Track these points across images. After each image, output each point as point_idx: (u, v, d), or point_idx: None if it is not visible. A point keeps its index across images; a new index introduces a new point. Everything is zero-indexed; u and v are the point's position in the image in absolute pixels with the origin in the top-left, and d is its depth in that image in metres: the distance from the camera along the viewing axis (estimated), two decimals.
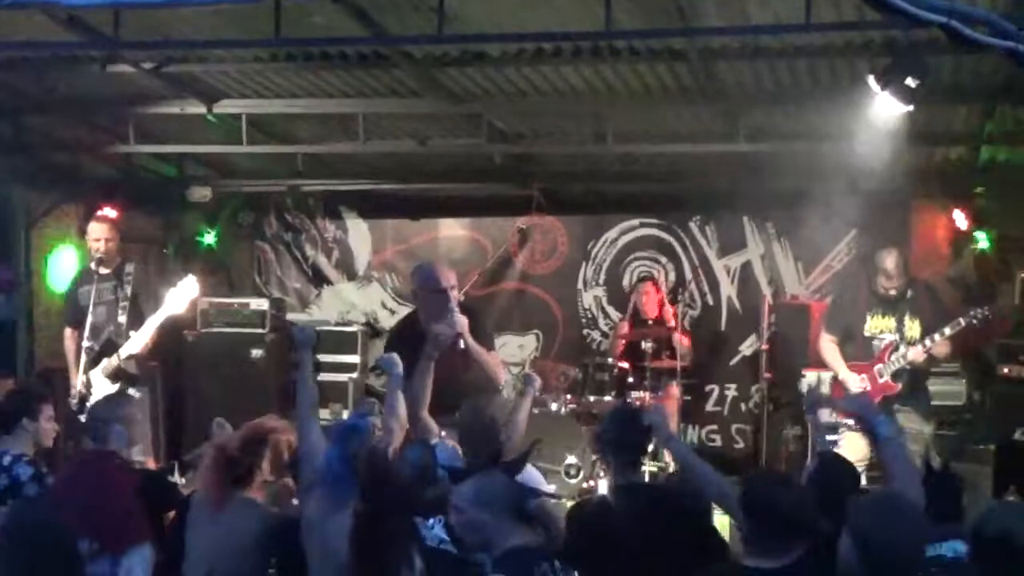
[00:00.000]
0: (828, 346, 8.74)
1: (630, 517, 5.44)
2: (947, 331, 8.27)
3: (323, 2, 6.53)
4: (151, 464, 7.99)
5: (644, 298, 11.13)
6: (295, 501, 6.08)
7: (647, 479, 7.53)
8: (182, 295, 8.78)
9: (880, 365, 8.41)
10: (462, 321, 7.29)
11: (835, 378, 8.70)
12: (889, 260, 8.44)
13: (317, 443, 5.81)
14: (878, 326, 8.52)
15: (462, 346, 7.30)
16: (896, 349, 8.40)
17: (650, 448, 6.80)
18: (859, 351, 8.58)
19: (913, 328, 8.42)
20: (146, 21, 7.06)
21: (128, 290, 8.94)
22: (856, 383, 8.44)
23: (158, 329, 8.78)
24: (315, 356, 6.75)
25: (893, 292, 8.43)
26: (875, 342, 8.52)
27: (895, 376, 8.39)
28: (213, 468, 5.90)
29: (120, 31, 6.78)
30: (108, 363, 8.73)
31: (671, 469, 9.90)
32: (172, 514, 6.40)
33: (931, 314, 8.47)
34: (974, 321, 8.26)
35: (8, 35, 7.37)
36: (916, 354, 8.31)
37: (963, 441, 9.85)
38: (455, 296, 7.47)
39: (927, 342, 8.29)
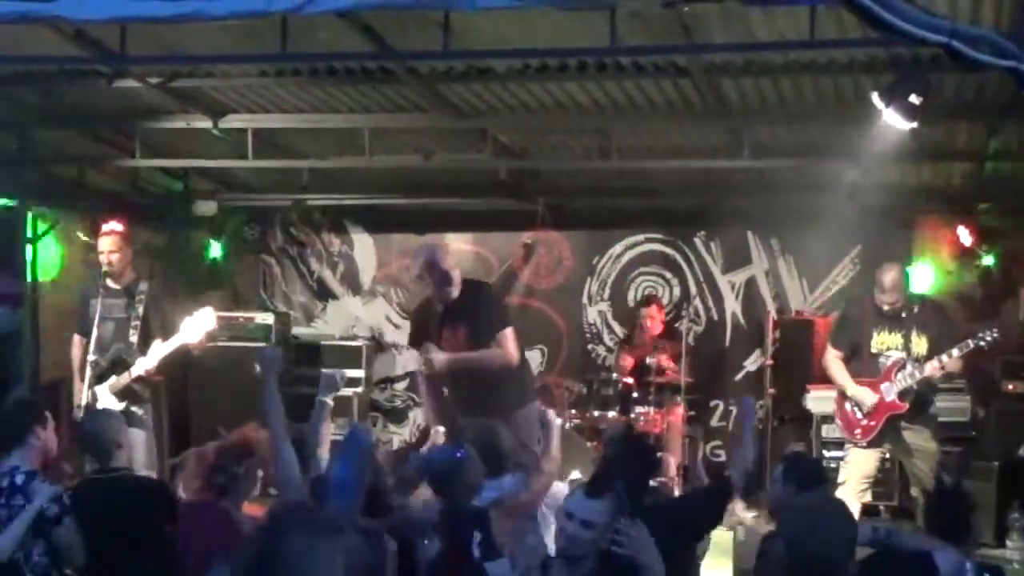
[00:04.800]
0: (834, 362, 8.68)
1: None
2: (955, 352, 8.22)
3: (329, 18, 6.54)
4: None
5: (648, 321, 11.13)
6: None
7: None
8: (198, 325, 8.74)
9: (887, 383, 8.35)
10: (433, 363, 7.64)
11: (842, 394, 8.65)
12: (887, 276, 8.41)
13: (294, 469, 5.70)
14: (885, 343, 8.47)
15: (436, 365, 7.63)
16: (903, 367, 8.33)
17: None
18: (865, 367, 8.52)
19: (921, 345, 8.37)
20: (152, 36, 7.09)
21: (140, 309, 8.91)
22: (869, 398, 8.39)
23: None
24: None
25: (888, 307, 8.38)
26: (881, 359, 8.45)
27: (901, 395, 8.34)
28: (196, 476, 5.84)
29: (127, 46, 6.81)
30: (117, 381, 8.72)
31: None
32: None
33: (939, 331, 8.41)
34: (983, 343, 8.21)
35: (15, 49, 7.40)
36: (932, 369, 8.26)
37: (967, 458, 9.84)
38: (456, 277, 7.69)
39: (939, 360, 8.23)
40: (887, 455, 8.99)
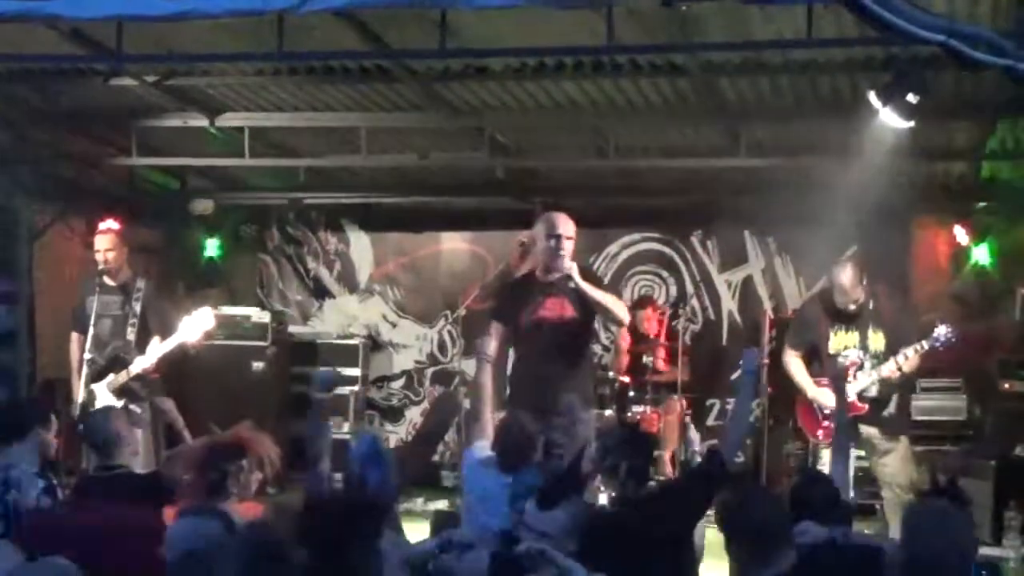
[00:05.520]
0: (793, 362, 8.59)
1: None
2: (910, 352, 8.15)
3: (325, 16, 6.54)
4: None
5: (645, 324, 11.14)
6: None
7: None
8: (196, 325, 8.73)
9: (847, 384, 8.29)
10: (571, 265, 7.37)
11: (803, 395, 8.58)
12: (844, 275, 8.28)
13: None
14: (842, 342, 8.34)
15: (572, 285, 7.37)
16: (861, 367, 8.28)
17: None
18: (825, 369, 8.48)
19: (877, 341, 8.26)
20: (149, 34, 7.08)
21: (137, 307, 8.91)
22: (829, 399, 8.33)
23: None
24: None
25: (852, 307, 8.32)
26: (840, 359, 8.37)
27: (861, 396, 8.28)
28: (187, 470, 5.80)
29: (123, 44, 6.80)
30: (115, 379, 8.71)
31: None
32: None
33: (895, 324, 8.36)
34: (937, 344, 8.14)
35: (12, 48, 7.39)
36: (890, 372, 8.21)
37: (965, 456, 9.84)
38: (569, 247, 7.46)
39: (896, 361, 8.18)
40: (860, 453, 8.90)
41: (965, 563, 4.29)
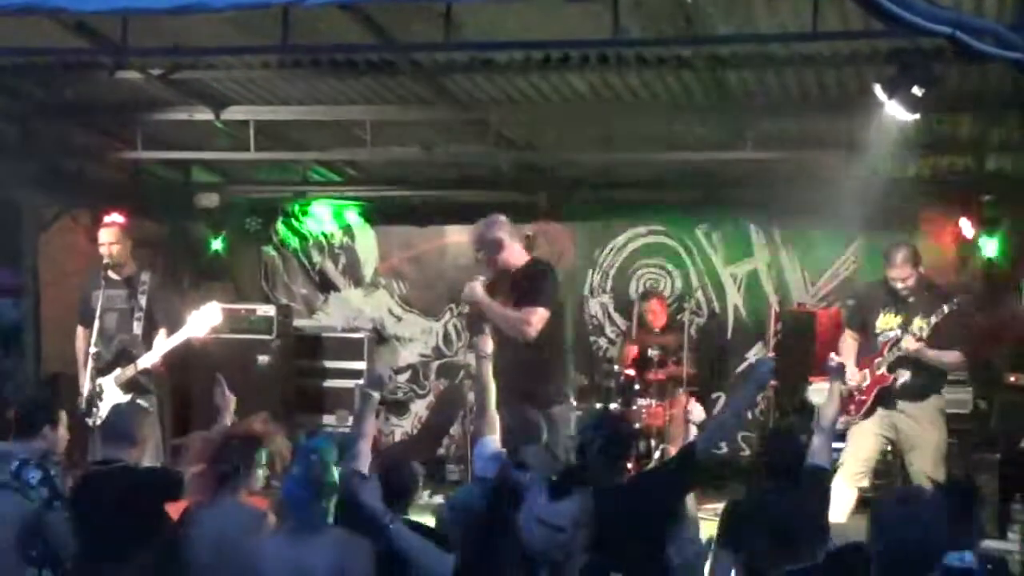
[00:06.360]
0: (848, 343, 8.68)
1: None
2: (933, 319, 8.19)
3: (330, 9, 6.54)
4: None
5: (651, 316, 11.17)
6: None
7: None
8: (204, 320, 8.73)
9: (879, 359, 8.33)
10: (470, 292, 7.44)
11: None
12: (898, 253, 8.35)
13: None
14: (888, 323, 8.40)
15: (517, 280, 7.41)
16: (896, 343, 8.32)
17: None
18: (869, 346, 8.51)
19: (921, 328, 8.33)
20: (154, 27, 7.08)
21: (143, 300, 8.91)
22: (855, 377, 8.36)
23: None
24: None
25: (900, 286, 8.32)
26: (880, 338, 8.42)
27: (890, 368, 8.31)
28: (200, 459, 5.79)
29: (128, 37, 6.79)
30: (123, 373, 8.72)
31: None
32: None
33: (942, 318, 8.37)
34: (955, 307, 8.19)
35: (17, 41, 7.38)
36: (908, 342, 8.22)
37: (969, 449, 9.82)
38: (492, 249, 7.51)
39: (917, 331, 8.20)
40: (889, 446, 8.91)
41: (932, 556, 4.30)
